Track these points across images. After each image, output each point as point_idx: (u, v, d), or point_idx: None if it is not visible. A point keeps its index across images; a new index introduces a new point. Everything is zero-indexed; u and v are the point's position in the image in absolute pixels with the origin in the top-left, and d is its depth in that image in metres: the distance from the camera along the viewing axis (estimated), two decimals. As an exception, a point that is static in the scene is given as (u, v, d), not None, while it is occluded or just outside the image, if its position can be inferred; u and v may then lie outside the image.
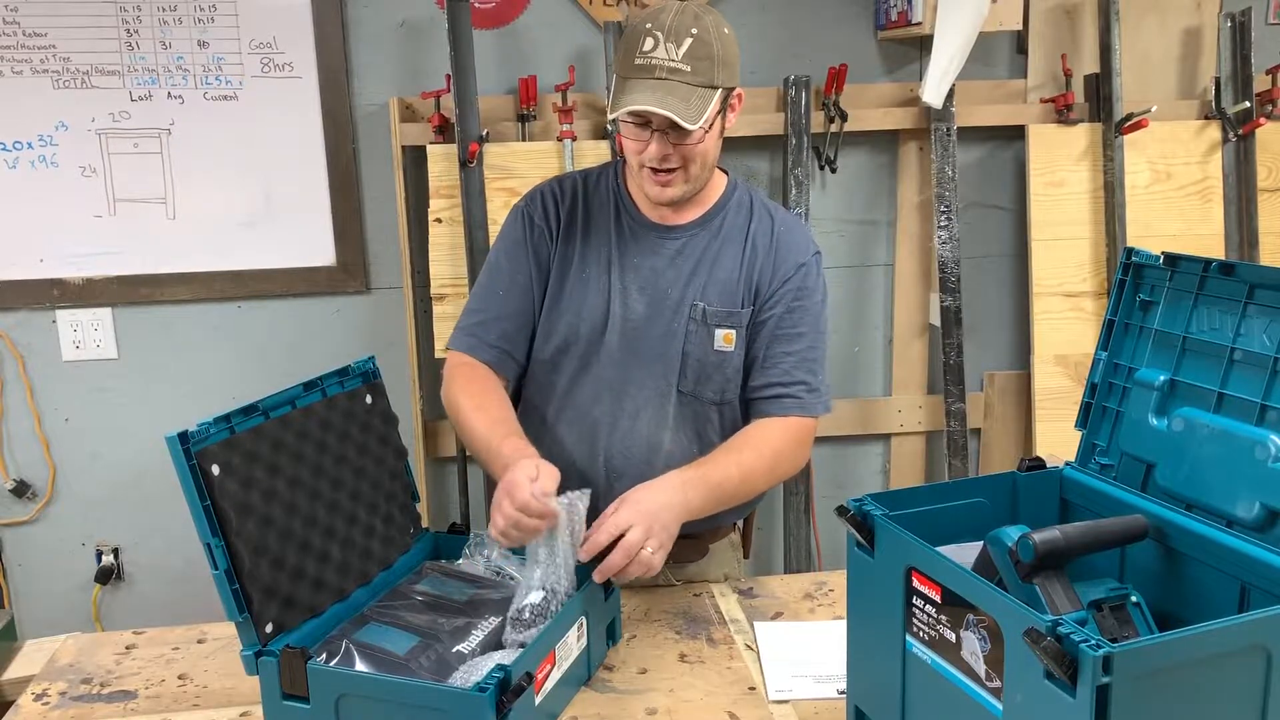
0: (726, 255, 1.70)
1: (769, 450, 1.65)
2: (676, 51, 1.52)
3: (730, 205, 1.73)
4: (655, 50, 1.53)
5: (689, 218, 1.71)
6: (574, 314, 1.70)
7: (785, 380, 1.68)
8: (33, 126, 2.53)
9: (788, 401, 1.68)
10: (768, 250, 1.70)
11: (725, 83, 1.56)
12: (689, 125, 1.51)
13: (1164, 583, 1.22)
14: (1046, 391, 2.79)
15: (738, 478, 1.60)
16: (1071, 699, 0.91)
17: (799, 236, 1.74)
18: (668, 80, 1.52)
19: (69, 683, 1.50)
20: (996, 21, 2.52)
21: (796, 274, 1.69)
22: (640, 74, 1.53)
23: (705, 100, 1.53)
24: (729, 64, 1.57)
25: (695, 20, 1.54)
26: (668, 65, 1.52)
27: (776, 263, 1.69)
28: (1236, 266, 1.19)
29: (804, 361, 1.69)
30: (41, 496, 2.72)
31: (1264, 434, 1.13)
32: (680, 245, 1.70)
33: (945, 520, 1.28)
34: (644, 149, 1.58)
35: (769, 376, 1.69)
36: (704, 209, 1.71)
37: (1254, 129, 2.71)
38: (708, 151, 1.61)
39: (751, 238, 1.70)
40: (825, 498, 2.89)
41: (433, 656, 1.30)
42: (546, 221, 1.73)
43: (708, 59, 1.53)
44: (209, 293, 2.66)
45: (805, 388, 1.68)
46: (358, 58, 2.61)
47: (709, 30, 1.54)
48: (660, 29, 1.53)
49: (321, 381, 1.47)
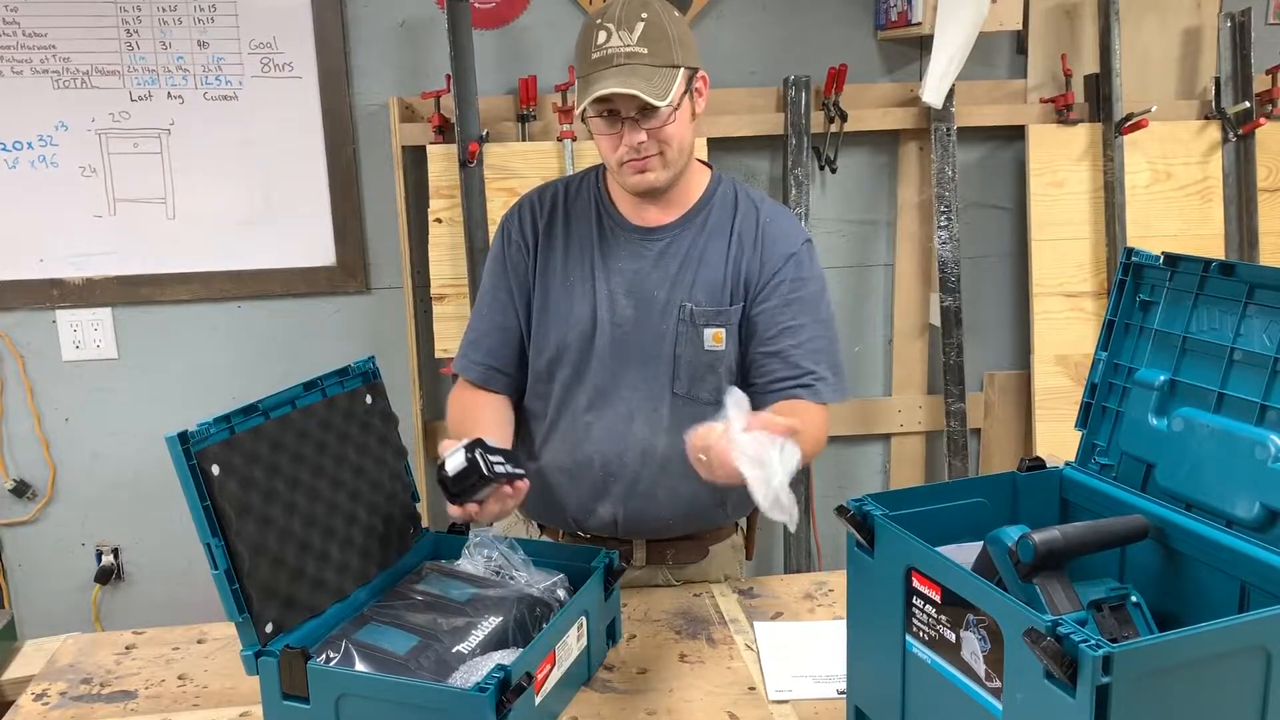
0: (712, 252, 1.68)
1: (814, 428, 1.59)
2: (630, 37, 1.53)
3: (714, 201, 1.71)
4: (609, 41, 1.54)
5: (671, 217, 1.70)
6: (562, 323, 1.70)
7: (795, 373, 1.65)
8: (33, 126, 2.53)
9: (800, 391, 1.65)
10: (754, 243, 1.68)
11: (685, 62, 1.57)
12: (657, 102, 1.51)
13: (1164, 583, 1.22)
14: (1046, 391, 2.79)
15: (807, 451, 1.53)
16: (1071, 699, 0.91)
17: (786, 227, 1.71)
18: (628, 64, 1.53)
19: (69, 683, 1.50)
20: (996, 21, 2.52)
21: (786, 265, 1.67)
22: (600, 66, 1.54)
23: (668, 79, 1.53)
24: (685, 44, 1.57)
25: (643, 6, 1.55)
26: (625, 51, 1.53)
27: (764, 256, 1.67)
28: (1236, 266, 1.19)
29: (810, 352, 1.66)
30: (41, 496, 2.72)
31: (1264, 434, 1.13)
32: (664, 246, 1.69)
33: (945, 520, 1.28)
34: (617, 143, 1.58)
35: (776, 372, 1.66)
36: (686, 207, 1.70)
37: (1254, 129, 2.71)
38: (681, 134, 1.60)
39: (737, 232, 1.68)
40: (825, 498, 2.89)
41: (433, 656, 1.30)
42: (523, 235, 1.73)
43: (663, 39, 1.54)
44: (209, 293, 2.66)
45: (814, 376, 1.65)
46: (358, 58, 2.61)
47: (659, 14, 1.55)
48: (611, 20, 1.55)
49: (321, 381, 1.46)
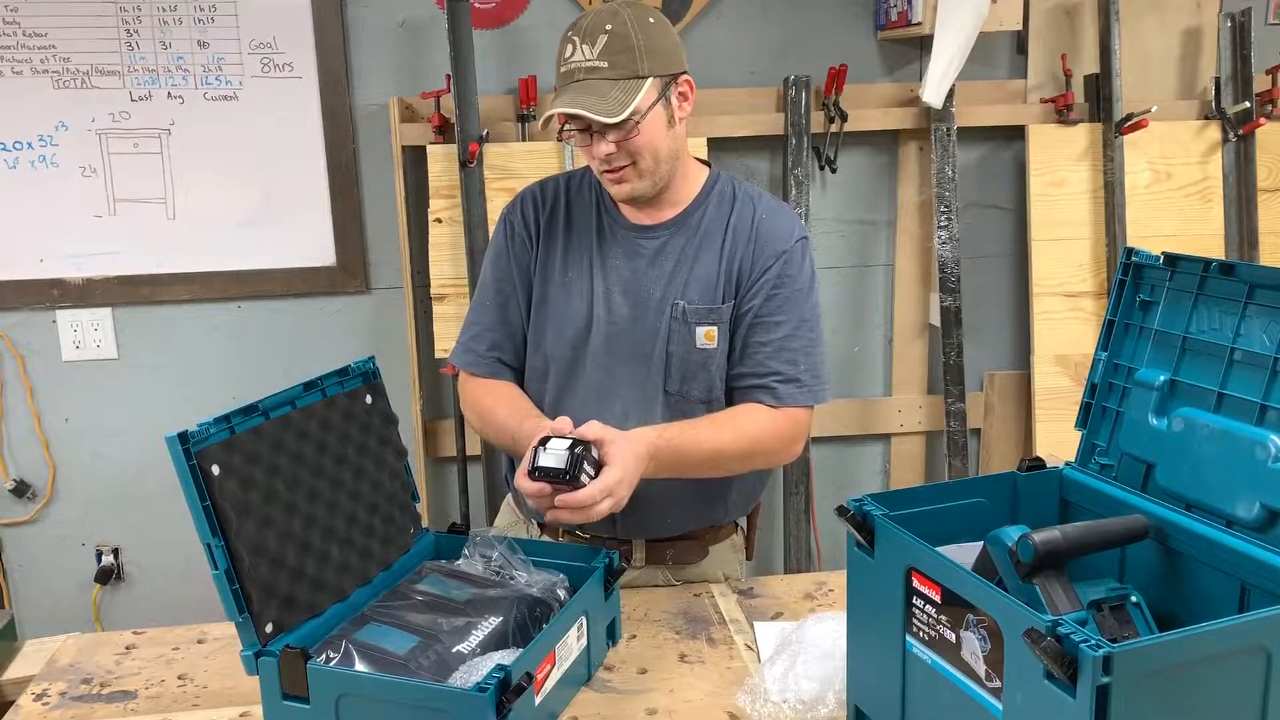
0: (706, 251, 1.68)
1: (748, 437, 1.63)
2: (592, 51, 1.55)
3: (710, 199, 1.71)
4: (574, 55, 1.56)
5: (666, 216, 1.70)
6: (559, 319, 1.71)
7: (760, 371, 1.66)
8: (33, 126, 2.53)
9: (760, 393, 1.65)
10: (748, 240, 1.68)
11: (656, 71, 1.56)
12: (605, 119, 1.51)
13: (1164, 583, 1.22)
14: (1046, 391, 2.79)
15: (709, 456, 1.60)
16: (1071, 699, 0.91)
17: (781, 224, 1.70)
18: (585, 80, 1.55)
19: (69, 683, 1.50)
20: (996, 21, 2.52)
21: (776, 263, 1.66)
22: (564, 81, 1.57)
23: (629, 92, 1.53)
24: (656, 52, 1.57)
25: (611, 17, 1.55)
26: (584, 66, 1.55)
27: (756, 253, 1.67)
28: (1236, 266, 1.19)
29: (781, 351, 1.65)
30: (41, 496, 2.72)
31: (1264, 434, 1.13)
32: (659, 244, 1.69)
33: (945, 520, 1.28)
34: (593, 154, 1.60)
35: (744, 367, 1.67)
36: (682, 206, 1.70)
37: (1254, 129, 2.71)
38: (655, 143, 1.59)
39: (732, 229, 1.68)
40: (825, 498, 2.89)
41: (433, 656, 1.30)
42: (527, 228, 1.74)
43: (626, 50, 1.54)
44: (209, 293, 2.66)
45: (779, 378, 1.65)
46: (358, 58, 2.61)
47: (626, 23, 1.55)
48: (578, 33, 1.57)
49: (321, 381, 1.46)
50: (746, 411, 1.66)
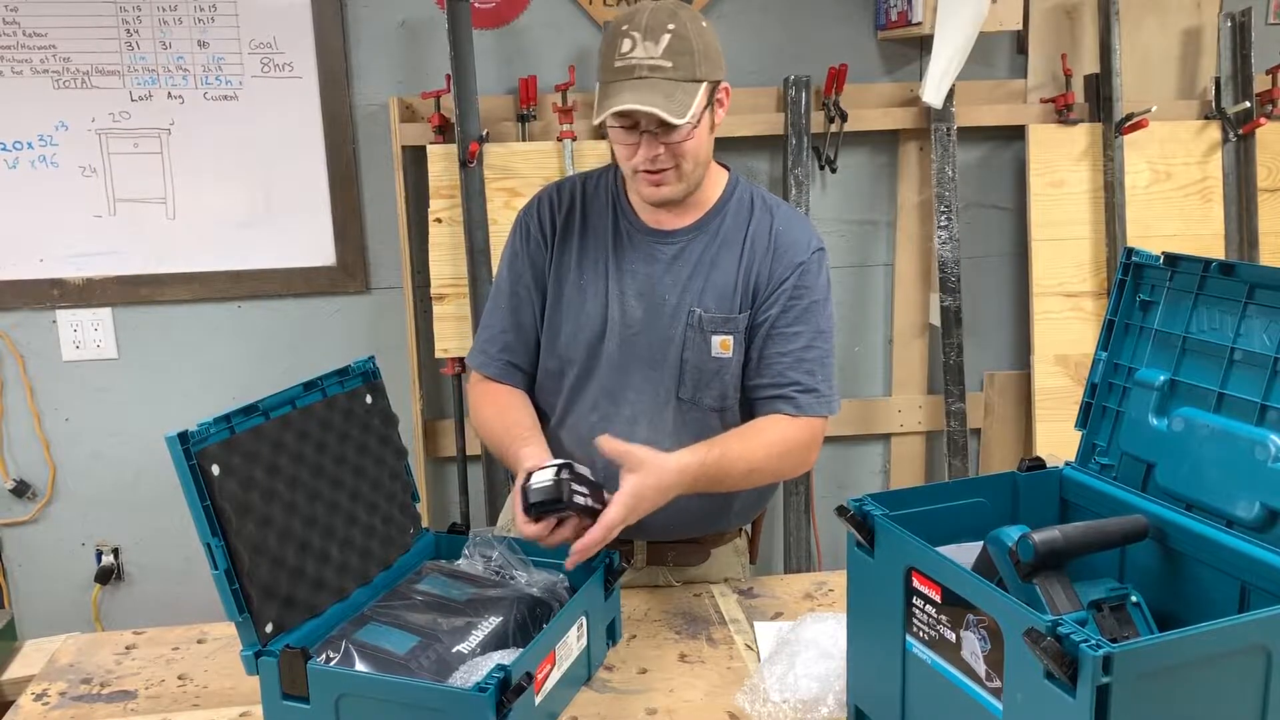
0: (724, 259, 1.67)
1: (777, 451, 1.63)
2: (655, 49, 1.51)
3: (730, 206, 1.70)
4: (634, 50, 1.52)
5: (686, 221, 1.69)
6: (573, 322, 1.70)
7: (780, 381, 1.65)
8: (33, 126, 2.53)
9: (781, 403, 1.65)
10: (765, 251, 1.67)
11: (709, 76, 1.55)
12: (675, 120, 1.49)
13: (1164, 583, 1.22)
14: (1046, 391, 2.79)
15: (744, 474, 1.60)
16: (1071, 699, 0.91)
17: (799, 235, 1.69)
18: (649, 78, 1.51)
19: (69, 683, 1.50)
20: (996, 21, 2.52)
21: (793, 274, 1.66)
22: (621, 76, 1.52)
23: (690, 95, 1.52)
24: (710, 57, 1.56)
25: (671, 16, 1.53)
26: (648, 63, 1.51)
27: (774, 263, 1.66)
28: (1236, 266, 1.19)
29: (800, 362, 1.65)
30: (41, 496, 2.72)
31: (1264, 434, 1.13)
32: (677, 250, 1.68)
33: (945, 520, 1.28)
34: (634, 152, 1.57)
35: (763, 377, 1.67)
36: (701, 211, 1.69)
37: (1254, 129, 2.71)
38: (699, 148, 1.59)
39: (750, 238, 1.67)
40: (825, 498, 2.89)
41: (433, 656, 1.30)
42: (542, 230, 1.73)
43: (688, 53, 1.52)
44: (209, 293, 2.66)
45: (799, 388, 1.65)
46: (358, 58, 2.61)
47: (686, 25, 1.53)
48: (637, 29, 1.53)
49: (321, 381, 1.46)
50: (771, 423, 1.65)
